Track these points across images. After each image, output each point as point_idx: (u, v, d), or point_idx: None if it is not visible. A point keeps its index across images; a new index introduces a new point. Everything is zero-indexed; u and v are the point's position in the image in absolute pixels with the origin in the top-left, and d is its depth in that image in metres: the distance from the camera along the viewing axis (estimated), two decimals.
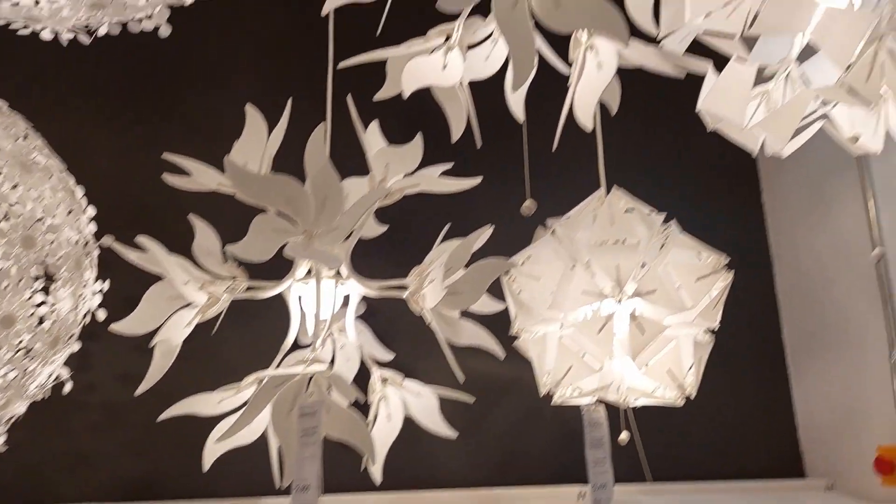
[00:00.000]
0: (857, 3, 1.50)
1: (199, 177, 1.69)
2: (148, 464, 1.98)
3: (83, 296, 1.62)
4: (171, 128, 2.24)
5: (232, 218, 1.71)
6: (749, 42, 1.69)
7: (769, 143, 1.82)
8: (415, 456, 2.17)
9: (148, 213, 1.89)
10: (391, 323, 2.11)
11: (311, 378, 1.53)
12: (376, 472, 1.71)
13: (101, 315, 1.74)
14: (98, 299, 1.75)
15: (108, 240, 1.67)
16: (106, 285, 1.78)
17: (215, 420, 1.84)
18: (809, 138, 1.82)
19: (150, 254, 1.52)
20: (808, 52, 1.68)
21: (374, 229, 2.00)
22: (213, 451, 1.61)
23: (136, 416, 2.00)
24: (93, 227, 1.71)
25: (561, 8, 1.31)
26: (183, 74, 2.39)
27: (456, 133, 1.80)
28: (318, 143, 1.48)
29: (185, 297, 1.52)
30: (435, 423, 1.73)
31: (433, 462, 2.21)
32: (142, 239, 1.53)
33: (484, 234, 1.70)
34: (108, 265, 1.81)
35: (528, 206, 1.84)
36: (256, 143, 1.68)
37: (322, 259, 1.49)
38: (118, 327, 1.55)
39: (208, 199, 1.80)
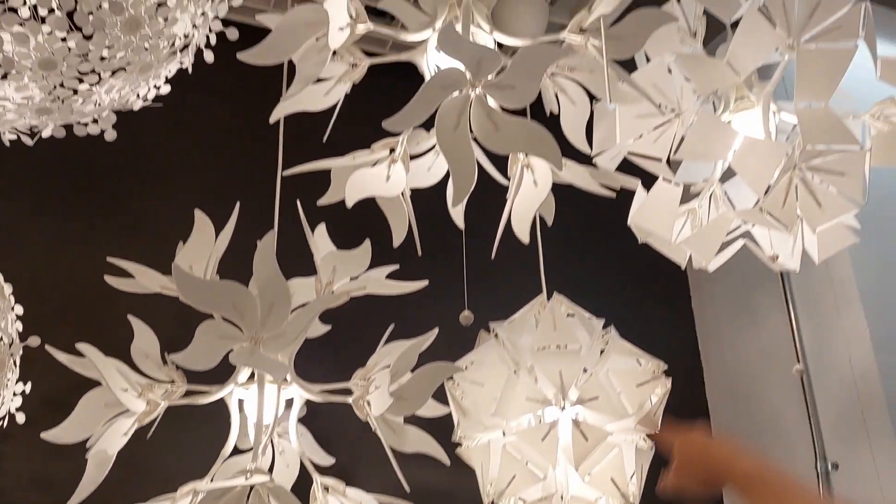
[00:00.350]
0: (773, 134, 1.65)
1: (142, 279, 1.68)
2: None
3: (3, 397, 1.56)
4: (110, 225, 2.23)
5: (170, 317, 1.70)
6: (676, 164, 1.82)
7: (695, 258, 1.93)
8: None
9: (82, 311, 1.85)
10: (332, 426, 2.08)
11: (251, 489, 1.49)
12: None
13: (21, 418, 1.68)
14: (18, 401, 1.69)
15: (33, 340, 1.63)
16: (28, 387, 1.72)
17: None
18: (736, 252, 1.95)
19: (88, 359, 1.49)
20: (730, 172, 1.82)
21: (317, 329, 2.00)
22: None
23: None
24: (18, 326, 1.67)
25: (500, 132, 1.39)
26: (124, 172, 2.39)
27: (397, 239, 1.84)
28: (268, 249, 1.49)
29: (124, 404, 1.48)
30: None
31: None
32: (82, 346, 1.50)
33: (429, 339, 1.72)
34: (27, 364, 1.75)
35: (466, 315, 1.88)
36: (203, 247, 1.69)
37: (269, 368, 1.49)
38: (50, 436, 1.50)
39: (145, 297, 1.78)
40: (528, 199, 1.74)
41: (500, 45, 1.64)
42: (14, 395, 1.66)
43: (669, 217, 1.77)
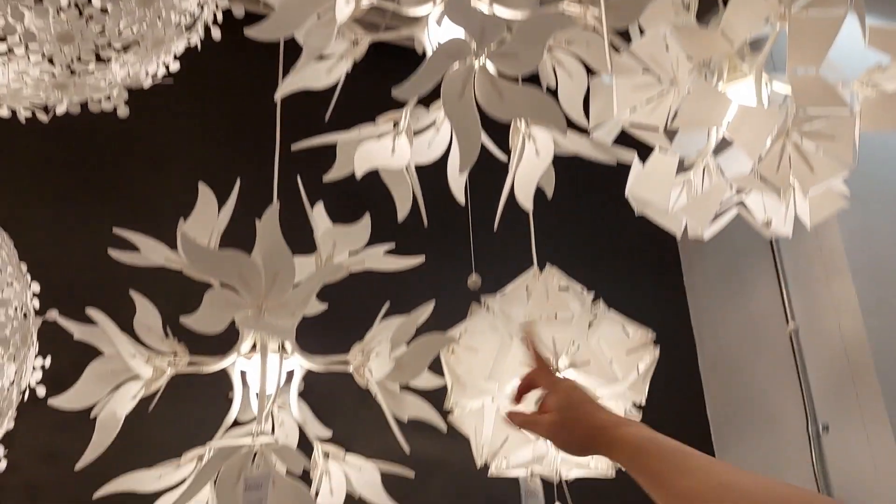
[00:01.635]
0: (766, 102, 1.68)
1: (148, 252, 1.70)
2: None
3: (25, 371, 1.59)
4: (108, 209, 2.24)
5: (170, 296, 1.72)
6: (671, 135, 1.85)
7: (691, 226, 1.97)
8: None
9: (83, 291, 1.87)
10: (326, 401, 2.11)
11: (255, 452, 1.53)
12: None
13: (42, 391, 1.70)
14: (38, 375, 1.71)
15: (52, 314, 1.65)
16: (48, 361, 1.75)
17: (142, 501, 1.81)
18: (726, 226, 1.99)
19: (100, 326, 1.51)
20: (722, 147, 1.86)
21: (315, 307, 2.03)
22: None
23: (59, 498, 1.92)
24: (36, 303, 1.69)
25: (504, 99, 1.42)
26: (121, 157, 2.41)
27: (402, 213, 1.87)
28: (272, 219, 1.52)
29: (133, 369, 1.51)
30: (378, 496, 1.73)
31: None
32: (92, 311, 1.53)
33: (426, 310, 1.75)
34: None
35: (474, 279, 1.91)
36: (206, 220, 1.71)
37: (274, 331, 1.52)
38: (58, 402, 1.52)
39: (144, 278, 1.79)
40: (531, 168, 1.76)
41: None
42: (34, 369, 1.68)
43: (666, 186, 1.80)
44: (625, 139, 1.86)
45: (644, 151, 1.86)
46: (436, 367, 1.84)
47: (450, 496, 2.34)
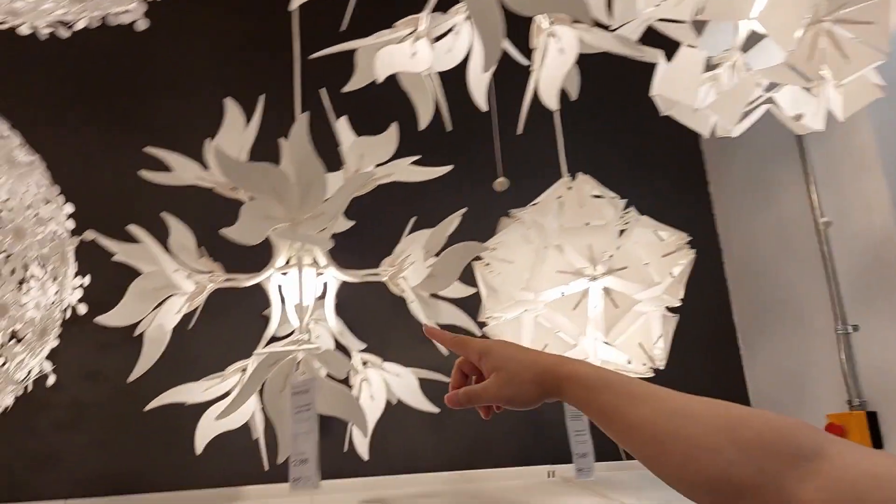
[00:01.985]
0: None
1: (180, 171, 1.71)
2: (116, 460, 1.98)
3: (65, 289, 1.62)
4: (133, 133, 2.24)
5: (194, 220, 1.74)
6: (698, 28, 1.80)
7: (720, 124, 1.95)
8: (389, 444, 2.21)
9: (109, 216, 1.88)
10: (356, 320, 2.14)
11: (298, 360, 1.56)
12: (364, 448, 1.74)
13: (82, 309, 1.74)
14: (78, 294, 1.75)
15: (90, 234, 1.67)
16: (87, 280, 1.78)
17: (183, 416, 1.88)
18: (751, 127, 1.96)
19: (143, 244, 1.53)
20: (749, 44, 1.82)
21: (342, 224, 2.04)
22: (205, 433, 1.63)
23: (101, 414, 1.99)
24: (71, 224, 1.71)
25: None
26: (140, 83, 2.40)
27: (424, 121, 1.85)
28: (302, 131, 1.51)
29: (176, 284, 1.53)
30: (417, 400, 1.77)
31: (407, 449, 2.26)
32: (134, 229, 1.55)
33: (457, 217, 1.76)
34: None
35: (502, 181, 1.90)
36: (235, 136, 1.71)
37: (312, 241, 1.53)
38: (105, 319, 1.56)
39: (169, 203, 1.80)
40: (555, 67, 1.74)
41: None
42: (73, 288, 1.71)
43: (693, 83, 1.77)
44: (649, 41, 1.83)
45: (670, 51, 1.83)
46: (465, 279, 1.85)
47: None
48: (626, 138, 2.82)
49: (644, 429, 0.74)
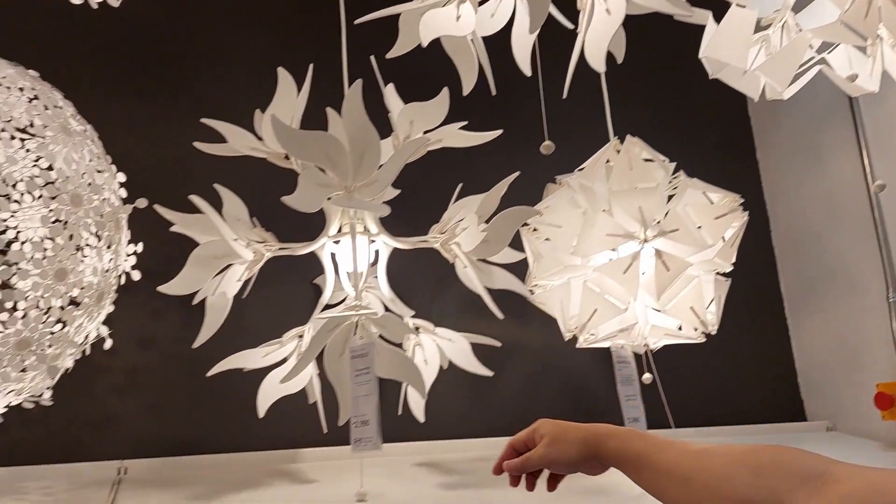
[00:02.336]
0: None
1: (234, 141, 1.73)
2: (170, 423, 2.04)
3: (120, 256, 1.65)
4: (180, 102, 2.27)
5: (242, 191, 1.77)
6: None
7: (770, 87, 1.92)
8: (434, 410, 2.24)
9: (159, 186, 1.91)
10: (403, 288, 2.16)
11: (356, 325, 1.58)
12: (420, 411, 1.76)
13: (136, 276, 1.78)
14: (132, 261, 1.79)
15: (141, 202, 1.70)
16: (139, 247, 1.82)
17: (235, 381, 1.92)
18: (800, 91, 1.93)
19: (202, 214, 1.56)
20: (799, 6, 1.79)
21: (388, 193, 2.05)
22: (267, 396, 1.66)
23: (155, 379, 2.05)
24: (123, 193, 1.75)
25: None
26: (186, 54, 2.41)
27: (468, 86, 1.84)
28: (356, 99, 1.51)
29: (236, 252, 1.55)
30: (471, 364, 1.79)
31: (456, 415, 2.29)
32: (195, 198, 1.58)
33: (508, 181, 1.75)
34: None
35: (548, 145, 1.89)
36: (287, 105, 1.72)
37: (369, 207, 1.54)
38: (166, 288, 1.60)
39: (218, 175, 1.82)
40: (601, 29, 1.72)
41: None
42: (126, 255, 1.75)
43: (743, 44, 1.74)
44: (698, 2, 1.81)
45: (719, 12, 1.80)
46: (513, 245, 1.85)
47: (533, 374, 2.42)
48: (673, 102, 2.79)
49: (672, 471, 0.83)
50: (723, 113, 2.85)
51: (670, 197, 1.87)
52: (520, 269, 1.90)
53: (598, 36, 1.75)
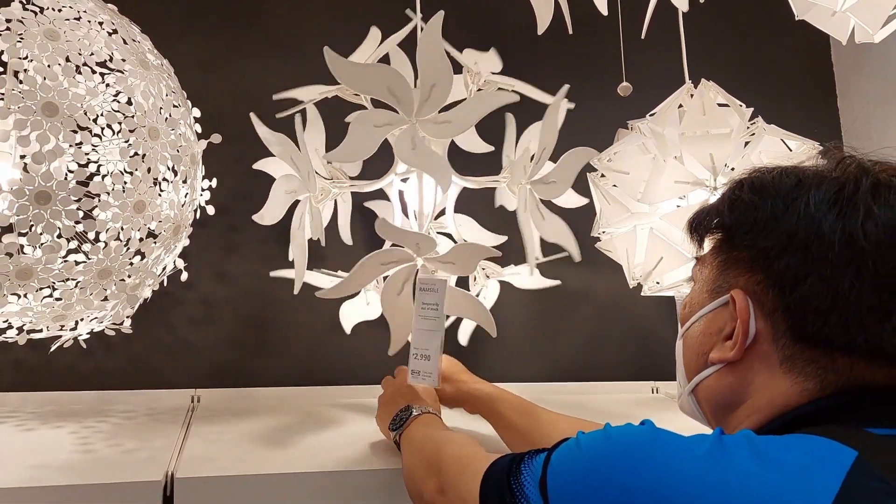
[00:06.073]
0: None
1: (303, 96, 1.76)
2: (242, 355, 2.11)
3: (195, 190, 1.69)
4: (253, 38, 2.28)
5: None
6: None
7: (859, 29, 1.82)
8: (499, 355, 2.26)
9: (232, 121, 1.94)
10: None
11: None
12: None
13: (211, 210, 1.83)
14: (207, 196, 1.84)
15: (216, 137, 1.73)
16: (214, 182, 1.87)
17: (304, 318, 2.08)
18: (890, 35, 1.81)
19: (284, 145, 1.59)
20: None
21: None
22: (349, 319, 1.81)
23: (229, 312, 2.11)
24: (198, 128, 1.78)
25: None
26: None
27: (542, 25, 1.80)
28: (435, 30, 1.46)
29: (311, 188, 1.58)
30: (543, 283, 1.82)
31: (515, 360, 2.31)
32: (277, 136, 1.61)
33: (561, 100, 1.67)
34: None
35: (625, 86, 1.84)
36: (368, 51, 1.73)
37: (432, 169, 1.49)
38: (258, 217, 1.69)
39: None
40: None
41: None
42: (202, 190, 1.79)
43: None
44: None
45: None
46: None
47: (598, 321, 2.42)
48: (753, 45, 2.68)
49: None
50: (805, 58, 2.73)
51: (747, 144, 1.81)
52: (576, 217, 1.87)
53: None
